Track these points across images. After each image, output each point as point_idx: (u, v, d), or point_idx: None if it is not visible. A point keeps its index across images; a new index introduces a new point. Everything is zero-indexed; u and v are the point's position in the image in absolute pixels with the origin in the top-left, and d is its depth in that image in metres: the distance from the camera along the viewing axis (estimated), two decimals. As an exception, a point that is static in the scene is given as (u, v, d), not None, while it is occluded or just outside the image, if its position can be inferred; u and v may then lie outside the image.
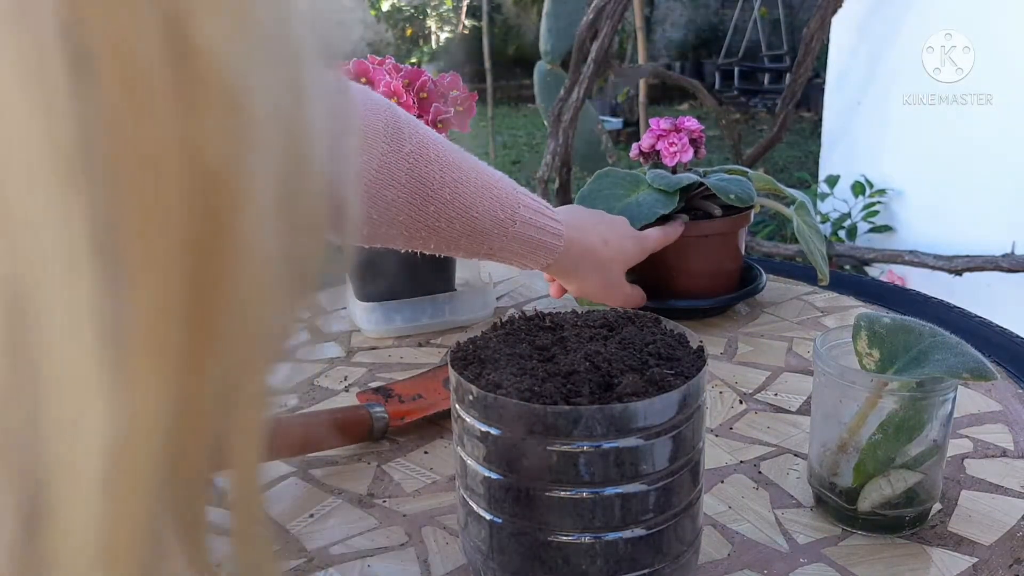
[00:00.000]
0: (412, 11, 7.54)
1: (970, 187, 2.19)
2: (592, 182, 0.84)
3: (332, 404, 0.68)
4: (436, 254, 0.67)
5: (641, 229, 0.77)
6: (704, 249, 0.79)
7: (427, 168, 0.60)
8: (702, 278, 0.82)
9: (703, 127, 0.87)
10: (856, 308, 0.84)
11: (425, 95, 0.77)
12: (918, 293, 0.88)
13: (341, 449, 0.61)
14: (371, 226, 0.61)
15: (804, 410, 0.64)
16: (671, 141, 0.84)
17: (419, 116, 0.75)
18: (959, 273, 2.06)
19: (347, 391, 0.71)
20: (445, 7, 7.50)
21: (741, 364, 0.73)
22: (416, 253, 0.66)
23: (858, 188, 2.49)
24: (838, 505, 0.49)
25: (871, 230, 2.48)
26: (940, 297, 0.86)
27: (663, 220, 0.78)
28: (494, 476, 0.40)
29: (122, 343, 0.15)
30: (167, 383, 0.15)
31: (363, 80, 0.76)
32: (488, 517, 0.41)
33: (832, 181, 2.61)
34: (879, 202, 2.46)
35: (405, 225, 0.62)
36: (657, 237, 0.77)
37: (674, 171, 0.83)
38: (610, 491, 0.38)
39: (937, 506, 0.51)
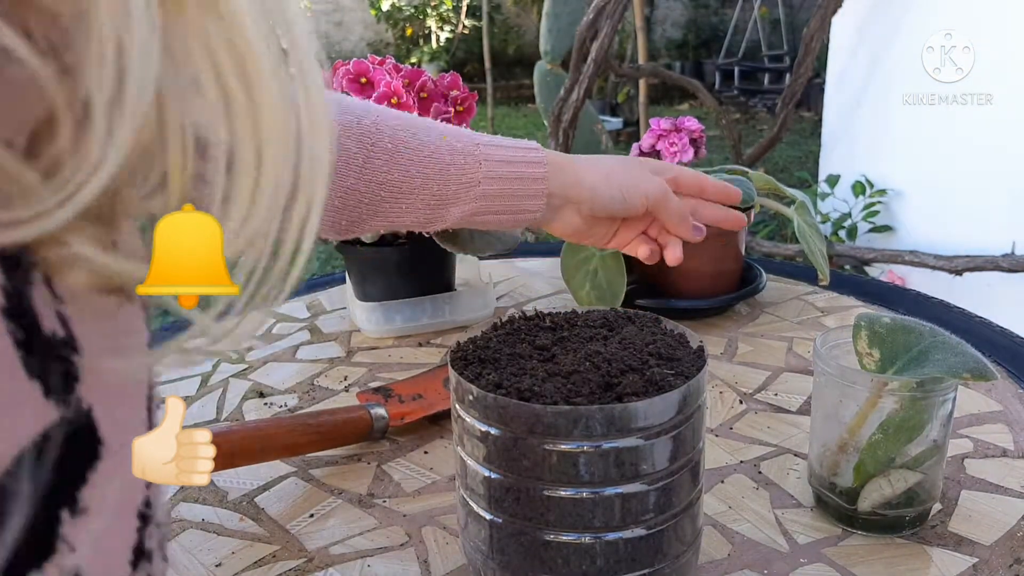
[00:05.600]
0: (412, 11, 7.53)
1: (970, 187, 2.19)
2: None
3: (332, 404, 0.68)
4: (428, 225, 0.58)
5: None
6: (704, 249, 0.79)
7: (359, 128, 0.53)
8: (702, 278, 0.82)
9: (703, 127, 0.87)
10: (856, 308, 0.84)
11: (425, 95, 0.77)
12: (918, 293, 0.88)
13: (341, 449, 0.61)
14: (334, 210, 0.54)
15: (804, 410, 0.64)
16: (671, 141, 0.84)
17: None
18: (959, 273, 2.06)
19: (347, 391, 0.71)
20: (445, 7, 7.50)
21: (741, 364, 0.73)
22: (416, 252, 0.64)
23: (858, 188, 2.48)
24: (838, 505, 0.49)
25: (871, 230, 2.48)
26: (940, 297, 0.86)
27: None
28: (494, 476, 0.40)
29: None
30: None
31: (363, 80, 0.76)
32: (488, 517, 0.41)
33: (832, 181, 2.61)
34: (879, 202, 2.46)
35: (361, 193, 0.54)
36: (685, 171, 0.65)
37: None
38: (610, 491, 0.38)
39: (937, 506, 0.51)
